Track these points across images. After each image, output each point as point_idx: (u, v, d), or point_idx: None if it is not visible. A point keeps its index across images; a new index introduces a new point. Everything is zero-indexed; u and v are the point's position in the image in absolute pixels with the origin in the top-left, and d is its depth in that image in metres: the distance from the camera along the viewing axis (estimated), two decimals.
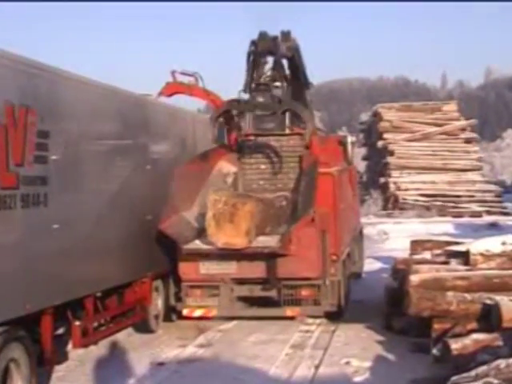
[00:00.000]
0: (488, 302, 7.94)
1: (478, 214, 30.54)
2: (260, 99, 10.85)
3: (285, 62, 12.28)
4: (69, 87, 8.21)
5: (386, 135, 34.06)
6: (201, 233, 10.36)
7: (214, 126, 10.95)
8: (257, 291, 10.66)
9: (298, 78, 12.74)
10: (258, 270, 10.31)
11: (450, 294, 8.19)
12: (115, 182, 9.45)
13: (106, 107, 9.27)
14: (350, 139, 13.66)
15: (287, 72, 12.45)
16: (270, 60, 11.66)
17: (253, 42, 11.25)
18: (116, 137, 9.63)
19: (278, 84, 11.78)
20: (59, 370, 8.36)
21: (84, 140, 8.56)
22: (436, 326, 8.15)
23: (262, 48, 11.20)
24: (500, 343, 7.22)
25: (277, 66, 11.51)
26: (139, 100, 10.69)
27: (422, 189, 32.49)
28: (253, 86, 11.20)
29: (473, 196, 32.56)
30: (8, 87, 6.94)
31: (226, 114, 11.97)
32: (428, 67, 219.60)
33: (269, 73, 11.55)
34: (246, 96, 11.25)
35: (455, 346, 7.38)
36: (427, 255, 10.53)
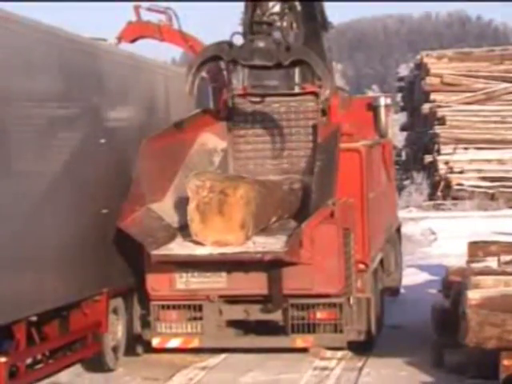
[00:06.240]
0: None
1: None
2: (260, 44, 10.79)
3: None
4: None
5: (434, 96, 34.04)
6: (176, 232, 10.39)
7: (194, 76, 10.84)
8: (255, 313, 10.69)
9: (312, 16, 12.72)
10: (256, 283, 10.34)
11: None
12: (55, 163, 9.41)
13: (42, 56, 9.21)
14: (383, 102, 13.68)
15: (298, 8, 12.42)
16: None
17: None
18: (56, 98, 9.58)
19: (284, 24, 11.72)
20: None
21: (11, 103, 8.49)
22: (505, 362, 8.17)
23: None
24: None
25: None
26: (89, 46, 10.64)
27: (484, 170, 32.53)
28: (254, 26, 11.15)
29: None
30: None
31: (212, 66, 11.87)
32: None
33: (276, 8, 11.49)
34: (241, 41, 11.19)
35: None
36: (492, 263, 10.55)
